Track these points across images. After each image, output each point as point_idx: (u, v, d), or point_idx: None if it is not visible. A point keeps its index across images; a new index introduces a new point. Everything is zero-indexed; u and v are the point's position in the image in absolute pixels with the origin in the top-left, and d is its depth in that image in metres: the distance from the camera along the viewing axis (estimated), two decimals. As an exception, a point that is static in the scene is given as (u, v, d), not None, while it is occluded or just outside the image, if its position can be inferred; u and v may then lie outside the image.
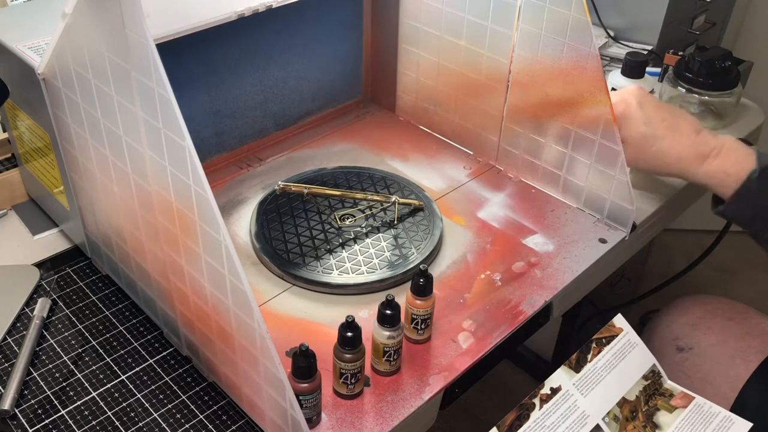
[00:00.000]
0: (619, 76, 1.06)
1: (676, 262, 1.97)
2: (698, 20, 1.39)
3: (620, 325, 0.80)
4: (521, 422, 0.70)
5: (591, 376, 0.76)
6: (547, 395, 0.72)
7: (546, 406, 0.72)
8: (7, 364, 0.76)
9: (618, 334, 0.79)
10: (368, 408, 0.70)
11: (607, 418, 0.74)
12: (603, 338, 0.79)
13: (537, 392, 0.72)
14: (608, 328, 0.80)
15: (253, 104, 1.05)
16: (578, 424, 0.72)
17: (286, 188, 0.92)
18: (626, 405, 0.77)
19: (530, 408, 0.71)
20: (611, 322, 0.80)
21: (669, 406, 0.79)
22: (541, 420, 0.71)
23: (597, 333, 0.79)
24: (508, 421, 0.69)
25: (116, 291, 0.86)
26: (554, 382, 0.74)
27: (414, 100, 1.14)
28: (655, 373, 0.80)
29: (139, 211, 0.70)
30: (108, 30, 0.59)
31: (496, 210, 0.97)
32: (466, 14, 0.97)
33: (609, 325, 0.80)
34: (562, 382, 0.74)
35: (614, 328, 0.80)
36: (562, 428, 0.71)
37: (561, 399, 0.73)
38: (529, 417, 0.70)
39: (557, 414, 0.72)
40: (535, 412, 0.71)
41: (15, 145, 0.95)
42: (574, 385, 0.74)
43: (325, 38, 1.09)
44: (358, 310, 0.80)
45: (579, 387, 0.74)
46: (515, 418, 0.70)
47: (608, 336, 0.79)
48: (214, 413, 0.72)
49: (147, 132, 0.61)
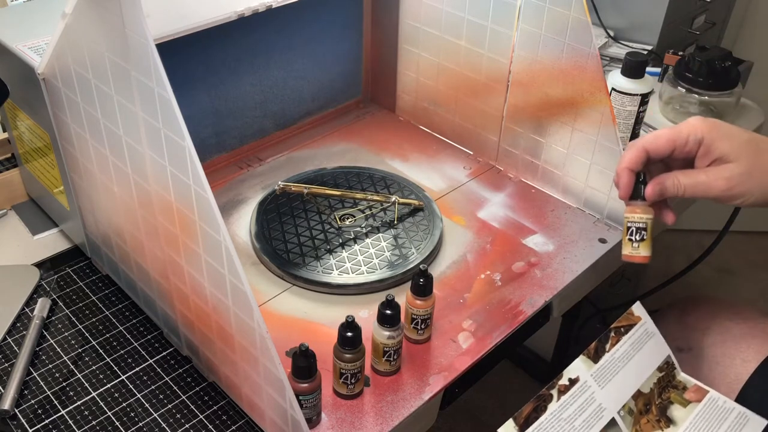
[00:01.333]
0: (619, 76, 1.06)
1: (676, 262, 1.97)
2: (698, 20, 1.39)
3: (639, 314, 0.78)
4: (538, 414, 0.69)
5: (609, 367, 0.74)
6: (565, 386, 0.71)
7: (563, 397, 0.71)
8: (7, 364, 0.76)
9: (636, 323, 0.78)
10: (368, 408, 0.70)
11: (622, 412, 0.73)
12: (621, 327, 0.77)
13: (555, 383, 0.71)
14: (627, 317, 0.78)
15: (253, 104, 1.05)
16: (594, 417, 0.71)
17: (286, 188, 0.92)
18: (641, 398, 0.76)
19: (548, 399, 0.70)
20: (630, 310, 0.78)
21: (683, 400, 0.78)
22: (558, 413, 0.70)
23: (615, 321, 0.77)
24: (525, 413, 0.68)
25: (116, 291, 0.86)
26: (572, 373, 0.73)
27: (414, 100, 1.14)
28: (669, 365, 0.79)
29: (139, 211, 0.70)
30: (108, 30, 0.59)
31: (496, 210, 0.97)
32: (466, 14, 0.97)
33: (628, 313, 0.78)
34: (580, 373, 0.73)
35: (633, 317, 0.78)
36: (578, 421, 0.70)
37: (578, 391, 0.72)
38: (546, 409, 0.69)
39: (574, 407, 0.71)
40: (553, 404, 0.70)
41: (15, 145, 0.95)
42: (592, 376, 0.73)
43: (325, 38, 1.09)
44: (358, 310, 0.80)
45: (596, 378, 0.73)
46: (532, 410, 0.69)
47: (627, 325, 0.77)
48: (214, 413, 0.72)
49: (147, 132, 0.61)
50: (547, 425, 0.69)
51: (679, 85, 1.12)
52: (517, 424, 0.68)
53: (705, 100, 1.11)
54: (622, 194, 0.74)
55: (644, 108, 1.06)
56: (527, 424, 0.68)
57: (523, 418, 0.68)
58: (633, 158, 0.72)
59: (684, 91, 1.12)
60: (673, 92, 1.13)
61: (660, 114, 1.17)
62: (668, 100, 1.15)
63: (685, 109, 1.13)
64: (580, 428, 0.70)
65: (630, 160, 0.73)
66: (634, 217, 0.74)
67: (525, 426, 0.68)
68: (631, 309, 0.79)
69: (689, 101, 1.12)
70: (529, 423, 0.68)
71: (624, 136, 1.07)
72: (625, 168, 0.73)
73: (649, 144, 0.73)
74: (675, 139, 0.72)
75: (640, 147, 0.73)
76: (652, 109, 1.17)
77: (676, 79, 1.13)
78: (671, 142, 0.72)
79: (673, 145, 0.72)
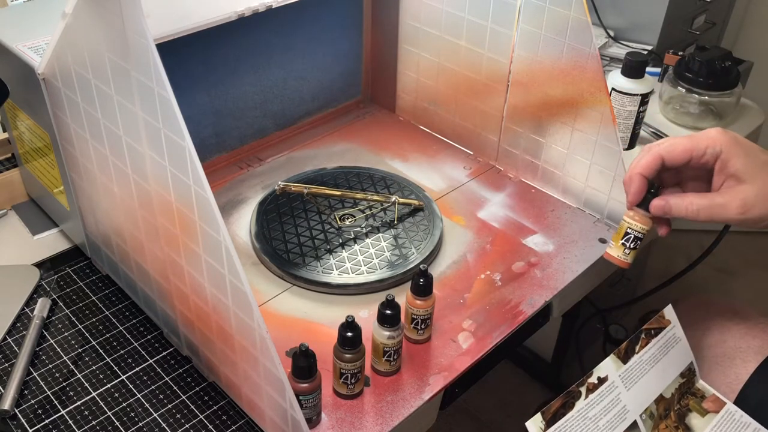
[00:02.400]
0: (619, 76, 1.06)
1: (676, 262, 1.97)
2: (698, 20, 1.39)
3: (669, 317, 0.78)
4: (566, 411, 0.69)
5: (636, 369, 0.74)
6: (594, 384, 0.72)
7: (591, 396, 0.71)
8: (7, 364, 0.76)
9: (666, 327, 0.78)
10: (368, 408, 0.70)
11: (644, 415, 0.74)
12: (652, 329, 0.77)
13: (585, 380, 0.72)
14: (658, 319, 0.77)
15: (253, 104, 1.05)
16: (618, 418, 0.72)
17: (286, 188, 0.92)
18: (662, 402, 0.76)
19: (576, 396, 0.70)
20: (661, 313, 0.78)
21: (701, 409, 0.78)
22: (585, 411, 0.70)
23: (647, 323, 0.77)
24: (554, 408, 0.69)
25: (116, 291, 0.86)
26: (602, 372, 0.73)
27: (414, 100, 1.14)
28: (691, 371, 0.79)
29: (139, 211, 0.70)
30: (108, 30, 0.59)
31: (496, 210, 0.97)
32: (466, 14, 0.97)
33: (659, 316, 0.78)
34: (609, 373, 0.73)
35: (663, 320, 0.78)
36: (603, 421, 0.70)
37: (606, 390, 0.72)
38: (573, 406, 0.70)
39: (600, 406, 0.71)
40: (581, 401, 0.70)
41: (15, 145, 0.95)
42: (620, 377, 0.73)
43: (325, 38, 1.09)
44: (358, 310, 0.80)
45: (624, 379, 0.73)
46: (560, 406, 0.69)
47: (657, 327, 0.77)
48: (214, 413, 0.72)
49: (147, 132, 0.61)
50: (573, 423, 0.69)
51: (679, 85, 1.12)
52: (545, 418, 0.68)
53: (705, 100, 1.11)
54: (630, 199, 0.72)
55: (644, 108, 1.06)
56: (554, 419, 0.68)
57: (551, 414, 0.68)
58: (647, 164, 0.70)
59: (684, 91, 1.12)
60: (673, 92, 1.13)
61: (660, 114, 1.17)
62: (668, 100, 1.15)
63: (685, 109, 1.13)
64: (603, 428, 0.70)
65: (644, 166, 0.71)
66: (635, 225, 0.73)
67: (552, 421, 0.68)
68: (662, 312, 0.78)
69: (689, 101, 1.12)
70: (557, 418, 0.68)
71: (624, 136, 1.07)
72: (638, 173, 0.71)
73: (666, 152, 0.71)
74: (692, 150, 0.70)
75: (656, 154, 0.71)
76: (652, 109, 1.17)
77: (676, 79, 1.13)
78: (688, 152, 0.70)
79: (690, 156, 0.70)
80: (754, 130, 1.15)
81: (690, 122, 1.13)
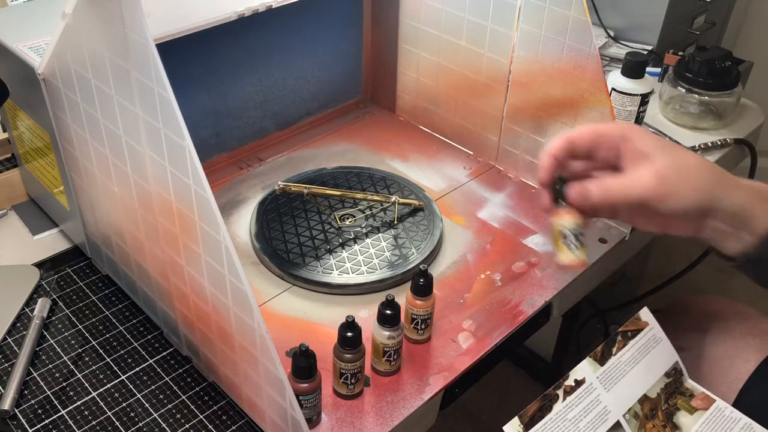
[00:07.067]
0: (619, 76, 1.06)
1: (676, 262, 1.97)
2: (698, 20, 1.39)
3: (646, 319, 0.78)
4: (543, 414, 0.69)
5: (615, 370, 0.74)
6: (571, 387, 0.71)
7: (569, 398, 0.70)
8: (7, 364, 0.76)
9: (643, 329, 0.78)
10: (368, 408, 0.70)
11: (628, 415, 0.73)
12: (629, 331, 0.77)
13: (561, 383, 0.71)
14: (634, 322, 0.78)
15: (253, 104, 1.05)
16: (599, 419, 0.71)
17: (286, 188, 0.92)
18: (647, 402, 0.76)
19: (553, 399, 0.70)
20: (637, 315, 0.78)
21: (689, 407, 0.78)
22: (564, 413, 0.70)
23: (623, 326, 0.77)
24: (530, 412, 0.68)
25: (116, 291, 0.86)
26: (579, 374, 0.72)
27: (414, 100, 1.14)
28: (677, 371, 0.79)
29: (139, 211, 0.70)
30: (108, 30, 0.59)
31: (496, 210, 0.97)
32: (466, 14, 0.97)
33: (635, 318, 0.78)
34: (587, 375, 0.73)
35: (640, 322, 0.78)
36: (583, 423, 0.70)
37: (584, 392, 0.72)
38: (551, 409, 0.69)
39: (579, 408, 0.71)
40: (558, 404, 0.70)
41: (15, 145, 0.95)
42: (598, 378, 0.73)
43: (325, 38, 1.09)
44: (358, 310, 0.80)
45: (602, 381, 0.73)
46: (537, 409, 0.69)
47: (634, 330, 0.77)
48: (214, 413, 0.72)
49: (147, 132, 0.61)
50: (552, 425, 0.69)
51: (679, 85, 1.12)
52: (523, 422, 0.68)
53: (705, 100, 1.11)
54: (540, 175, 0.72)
55: (644, 108, 1.06)
56: (532, 422, 0.68)
57: (528, 417, 0.68)
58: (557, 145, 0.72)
59: (684, 91, 1.12)
60: (673, 92, 1.13)
61: (660, 114, 1.17)
62: (668, 100, 1.15)
63: (685, 109, 1.13)
64: (584, 429, 0.70)
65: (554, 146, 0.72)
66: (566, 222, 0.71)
67: (530, 425, 0.68)
68: (638, 314, 0.78)
69: (689, 101, 1.12)
70: (535, 422, 0.68)
71: (624, 136, 1.07)
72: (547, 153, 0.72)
73: (574, 134, 0.72)
74: (598, 129, 0.71)
75: (564, 136, 0.72)
76: (652, 109, 1.17)
77: (676, 79, 1.13)
78: (594, 132, 0.71)
79: (596, 134, 0.71)
80: (754, 130, 1.15)
81: (690, 122, 1.13)
